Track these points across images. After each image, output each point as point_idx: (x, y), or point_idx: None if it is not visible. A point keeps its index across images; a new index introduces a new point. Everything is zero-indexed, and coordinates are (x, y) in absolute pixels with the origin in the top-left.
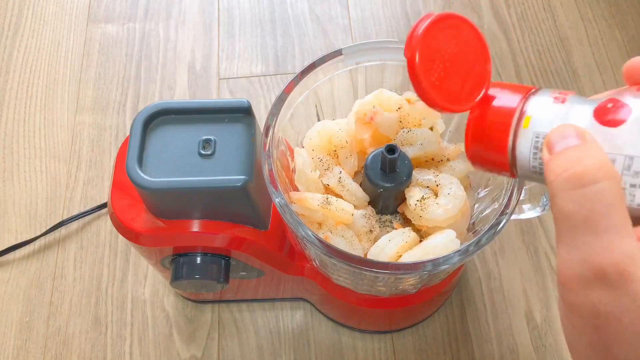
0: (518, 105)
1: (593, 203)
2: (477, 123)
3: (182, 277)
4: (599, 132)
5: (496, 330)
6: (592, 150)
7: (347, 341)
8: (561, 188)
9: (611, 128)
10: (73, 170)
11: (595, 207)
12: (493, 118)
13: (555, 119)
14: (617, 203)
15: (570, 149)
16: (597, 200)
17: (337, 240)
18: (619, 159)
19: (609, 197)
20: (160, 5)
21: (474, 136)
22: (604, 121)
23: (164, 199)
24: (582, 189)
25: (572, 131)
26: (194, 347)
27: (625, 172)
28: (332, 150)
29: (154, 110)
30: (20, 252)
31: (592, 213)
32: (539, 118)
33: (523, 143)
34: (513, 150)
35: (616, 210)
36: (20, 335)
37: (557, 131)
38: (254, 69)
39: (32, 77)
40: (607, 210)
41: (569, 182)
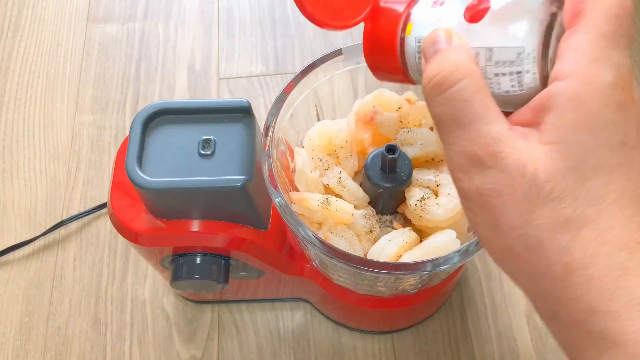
0: (403, 12)
1: (455, 102)
2: (369, 34)
3: (182, 278)
4: (467, 30)
5: (496, 330)
6: (452, 53)
7: (347, 341)
8: (429, 96)
9: (474, 24)
10: (72, 170)
11: (457, 105)
12: (382, 27)
13: (432, 22)
14: (475, 96)
15: (436, 55)
16: (457, 99)
17: (337, 240)
18: (481, 52)
19: (467, 94)
20: (160, 5)
21: (368, 48)
22: (469, 18)
23: (163, 199)
24: (444, 94)
25: (442, 35)
26: (193, 347)
27: (488, 63)
28: (332, 150)
29: (154, 110)
30: (20, 252)
31: (456, 111)
32: (419, 23)
33: (408, 50)
34: (402, 58)
35: (475, 102)
36: (20, 335)
37: (429, 37)
38: (254, 69)
39: (32, 77)
40: (468, 105)
41: (433, 90)
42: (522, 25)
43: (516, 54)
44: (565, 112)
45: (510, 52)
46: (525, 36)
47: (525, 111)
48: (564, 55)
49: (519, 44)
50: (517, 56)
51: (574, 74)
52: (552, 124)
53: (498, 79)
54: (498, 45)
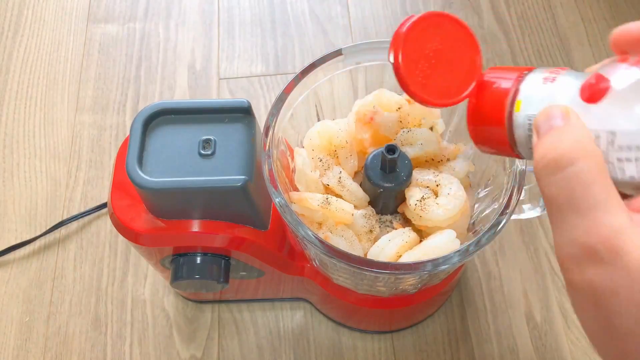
0: (511, 88)
1: (572, 184)
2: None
3: (182, 277)
4: (583, 109)
5: (496, 330)
6: (571, 131)
7: (347, 341)
8: (542, 174)
9: (593, 104)
10: (73, 170)
11: (575, 188)
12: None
13: (544, 99)
14: (596, 180)
15: (551, 131)
16: (575, 181)
17: (337, 240)
18: (602, 135)
19: (587, 176)
20: (160, 5)
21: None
22: (586, 97)
23: (164, 199)
24: (560, 173)
25: (557, 112)
26: (194, 347)
27: (610, 148)
28: (332, 150)
29: (154, 110)
30: (20, 252)
31: (573, 194)
32: (529, 100)
33: (518, 127)
34: (511, 135)
35: (596, 188)
36: (20, 335)
37: (543, 113)
38: (254, 69)
39: (32, 77)
40: (587, 190)
41: (548, 167)
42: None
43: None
44: None
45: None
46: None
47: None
48: None
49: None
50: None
51: None
52: None
53: (621, 164)
54: (622, 128)
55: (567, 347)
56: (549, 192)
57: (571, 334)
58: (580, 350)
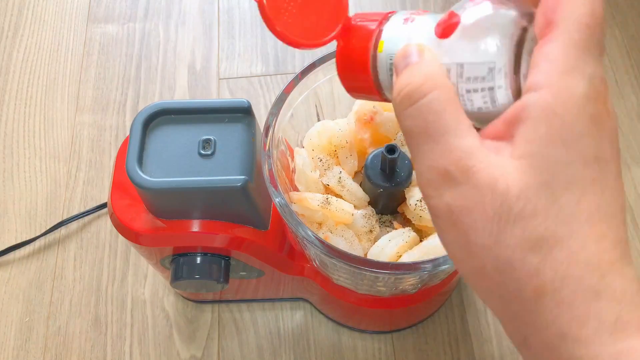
0: (374, 30)
1: (426, 114)
2: (341, 53)
3: (182, 277)
4: (437, 45)
5: (496, 330)
6: (423, 66)
7: (347, 341)
8: (399, 109)
9: (445, 39)
10: (73, 170)
11: (428, 117)
12: (354, 45)
13: (403, 39)
14: (447, 108)
15: (407, 68)
16: (428, 111)
17: (337, 240)
18: (452, 68)
19: (437, 106)
20: (160, 5)
21: (341, 67)
22: (439, 34)
23: (164, 199)
24: (414, 105)
25: (414, 50)
26: (194, 347)
27: (459, 80)
28: (332, 150)
29: (154, 110)
30: (20, 252)
31: (426, 123)
32: (391, 40)
33: (381, 68)
34: (376, 76)
35: (447, 115)
36: (20, 335)
37: (400, 52)
38: (254, 69)
39: (32, 77)
40: (439, 117)
41: (403, 101)
42: (492, 40)
43: (487, 69)
44: (538, 125)
45: (481, 67)
46: (496, 51)
47: (497, 124)
48: (538, 66)
49: (489, 59)
50: (489, 72)
51: (547, 85)
52: (525, 137)
53: (470, 95)
54: (469, 60)
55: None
56: (405, 125)
57: None
58: None
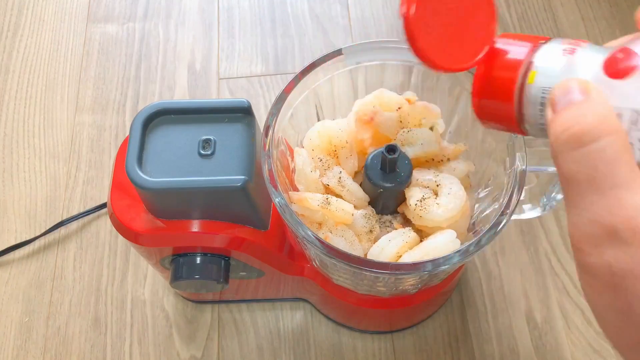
0: (525, 58)
1: (595, 161)
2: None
3: (182, 278)
4: (606, 85)
5: (496, 330)
6: (595, 106)
7: (347, 341)
8: (562, 150)
9: (619, 80)
10: (73, 170)
11: (598, 165)
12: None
13: (562, 72)
14: (621, 158)
15: (571, 106)
16: (599, 158)
17: (337, 240)
18: (626, 113)
19: (611, 153)
20: (160, 5)
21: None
22: (612, 73)
23: (163, 199)
24: (582, 149)
25: (576, 86)
26: (194, 347)
27: (632, 127)
28: (332, 150)
29: (154, 110)
30: (20, 252)
31: (595, 172)
32: (545, 72)
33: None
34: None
35: (621, 166)
36: (20, 335)
37: (560, 86)
38: (254, 69)
39: (32, 77)
40: (611, 167)
41: (569, 142)
42: None
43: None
44: None
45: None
46: None
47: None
48: None
49: None
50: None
51: None
52: None
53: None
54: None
55: (568, 347)
56: (568, 169)
57: (571, 334)
58: (581, 350)
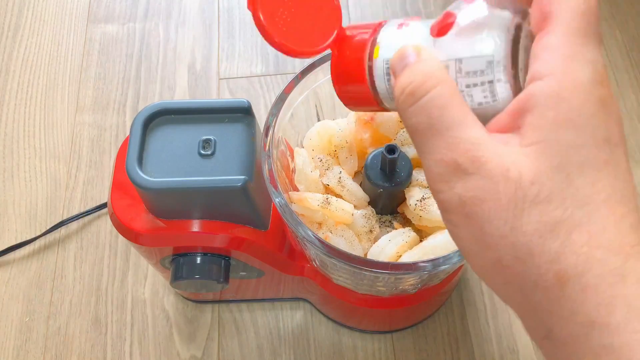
0: (369, 38)
1: (430, 109)
2: (336, 62)
3: (182, 277)
4: (434, 44)
5: (496, 330)
6: (423, 64)
7: (347, 341)
8: (403, 108)
9: (441, 38)
10: (73, 170)
11: (433, 112)
12: (349, 54)
13: (398, 43)
14: (450, 102)
15: (406, 67)
16: (432, 106)
17: (337, 240)
18: (451, 65)
19: (441, 100)
20: (160, 5)
21: (337, 76)
22: (436, 33)
23: (164, 199)
24: (417, 103)
25: (410, 50)
26: (194, 347)
27: (459, 75)
28: (332, 150)
29: (154, 110)
30: (20, 252)
31: (431, 118)
32: (386, 45)
33: (377, 74)
34: (372, 83)
35: (451, 108)
36: (20, 335)
37: (397, 53)
38: (254, 69)
39: (32, 77)
40: (444, 111)
41: (407, 100)
42: (489, 34)
43: (486, 62)
44: (546, 111)
45: (479, 61)
46: (494, 45)
47: (502, 117)
48: (539, 57)
49: (488, 52)
50: (487, 65)
51: (551, 73)
52: (533, 124)
53: (470, 90)
54: (467, 55)
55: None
56: (410, 123)
57: None
58: None
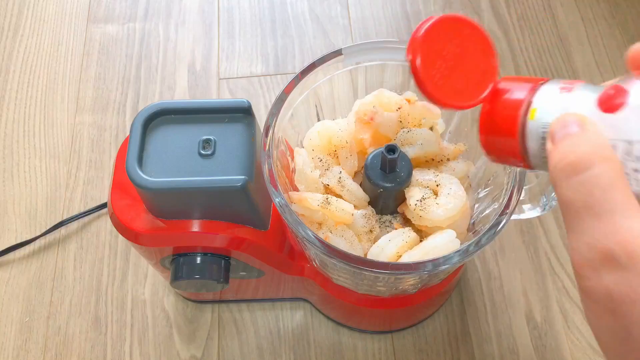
0: (526, 97)
1: (590, 188)
2: (488, 116)
3: (182, 277)
4: (601, 119)
5: (496, 330)
6: (589, 136)
7: (347, 341)
8: (559, 178)
9: (612, 114)
10: (73, 170)
11: (594, 191)
12: (502, 111)
13: (560, 108)
14: (615, 184)
15: (568, 137)
16: (594, 184)
17: (337, 240)
18: (620, 145)
19: (606, 180)
20: (160, 5)
21: (486, 130)
22: (605, 108)
23: (164, 199)
24: (578, 176)
25: (573, 119)
26: (194, 347)
27: (626, 158)
28: (332, 150)
29: (154, 110)
30: (20, 252)
31: (591, 198)
32: (545, 109)
33: (531, 135)
34: (523, 143)
35: (615, 191)
36: (20, 335)
37: (558, 121)
38: (254, 69)
39: (32, 77)
40: (606, 193)
41: (566, 170)
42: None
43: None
44: None
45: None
46: None
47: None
48: None
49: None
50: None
51: None
52: None
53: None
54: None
55: (567, 347)
56: (565, 196)
57: (571, 334)
58: (580, 350)
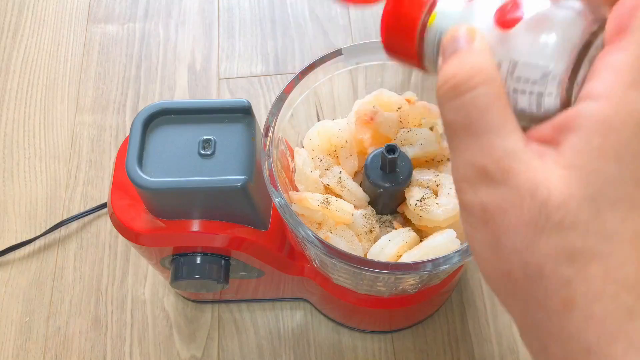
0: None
1: (470, 109)
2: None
3: (182, 277)
4: (494, 34)
5: (496, 330)
6: (474, 56)
7: (347, 341)
8: (443, 100)
9: (503, 30)
10: (73, 170)
11: (472, 112)
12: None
13: (458, 18)
14: (493, 105)
15: (455, 55)
16: (473, 106)
17: (337, 240)
18: (504, 64)
19: (483, 102)
20: (160, 5)
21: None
22: (499, 22)
23: (164, 199)
24: (458, 98)
25: (463, 34)
26: (194, 347)
27: (508, 77)
28: (332, 150)
29: (154, 110)
30: (20, 252)
31: (470, 118)
32: (444, 15)
33: (427, 40)
34: (420, 46)
35: (493, 112)
36: (20, 335)
37: (449, 33)
38: (254, 69)
39: (32, 77)
40: (483, 114)
41: (448, 93)
42: (554, 43)
43: (541, 74)
44: (592, 136)
45: (535, 70)
46: (555, 56)
47: (545, 127)
48: (600, 74)
49: (546, 63)
50: (542, 77)
51: (607, 96)
52: (575, 146)
53: (515, 95)
54: (524, 60)
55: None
56: (447, 117)
57: None
58: None
